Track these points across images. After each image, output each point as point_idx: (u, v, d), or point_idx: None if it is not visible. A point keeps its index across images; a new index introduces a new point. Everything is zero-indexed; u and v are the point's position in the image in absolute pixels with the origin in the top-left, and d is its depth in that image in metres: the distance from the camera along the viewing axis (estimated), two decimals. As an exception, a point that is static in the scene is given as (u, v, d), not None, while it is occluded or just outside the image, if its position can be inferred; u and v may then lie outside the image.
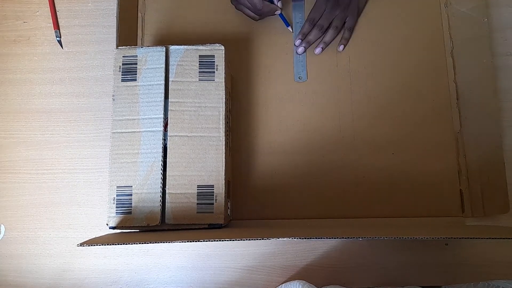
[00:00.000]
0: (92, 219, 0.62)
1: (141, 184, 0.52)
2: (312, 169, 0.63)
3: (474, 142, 0.62)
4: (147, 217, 0.51)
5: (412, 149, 0.63)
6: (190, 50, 0.55)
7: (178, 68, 0.54)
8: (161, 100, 0.53)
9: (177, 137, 0.53)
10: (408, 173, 0.62)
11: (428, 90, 0.65)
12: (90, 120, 0.65)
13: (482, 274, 0.58)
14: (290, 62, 0.66)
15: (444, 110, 0.64)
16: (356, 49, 0.66)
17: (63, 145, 0.64)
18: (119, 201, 0.52)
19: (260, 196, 0.62)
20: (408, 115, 0.64)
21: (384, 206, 0.62)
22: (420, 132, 0.64)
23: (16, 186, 0.63)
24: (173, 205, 0.52)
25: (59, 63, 0.66)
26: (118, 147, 0.53)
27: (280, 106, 0.65)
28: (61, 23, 0.68)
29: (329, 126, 0.64)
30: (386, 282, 0.59)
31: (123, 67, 0.54)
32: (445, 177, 0.62)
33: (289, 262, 0.60)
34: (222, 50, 0.55)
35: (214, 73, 0.54)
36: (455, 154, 0.63)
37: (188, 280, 0.60)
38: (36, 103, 0.65)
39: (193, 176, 0.52)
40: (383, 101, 0.65)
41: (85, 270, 0.60)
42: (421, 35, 0.67)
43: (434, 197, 0.62)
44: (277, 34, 0.67)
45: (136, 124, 0.53)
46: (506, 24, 0.66)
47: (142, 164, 0.52)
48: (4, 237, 0.61)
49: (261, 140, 0.64)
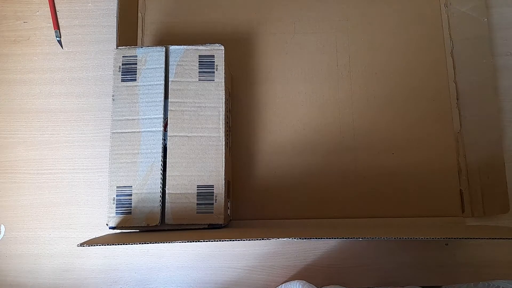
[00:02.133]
0: (92, 219, 0.62)
1: (141, 184, 0.52)
2: (312, 169, 0.63)
3: (474, 142, 0.62)
4: (147, 217, 0.51)
5: (412, 149, 0.63)
6: (190, 50, 0.55)
7: (178, 68, 0.54)
8: (161, 100, 0.53)
9: (177, 137, 0.53)
10: (408, 173, 0.62)
11: (428, 90, 0.65)
12: (90, 120, 0.65)
13: (482, 274, 0.58)
14: (290, 62, 0.66)
15: (444, 110, 0.64)
16: (356, 49, 0.66)
17: (63, 145, 0.64)
18: (119, 201, 0.52)
19: (260, 196, 0.62)
20: (408, 115, 0.64)
21: (384, 206, 0.62)
22: (420, 132, 0.64)
23: (16, 186, 0.63)
24: (173, 205, 0.52)
25: (59, 63, 0.66)
26: (118, 147, 0.53)
27: (280, 106, 0.65)
28: (61, 23, 0.68)
29: (329, 126, 0.64)
30: (386, 282, 0.59)
31: (123, 67, 0.54)
32: (445, 177, 0.62)
33: (289, 262, 0.60)
34: (222, 50, 0.55)
35: (214, 73, 0.54)
36: (455, 154, 0.63)
37: (188, 280, 0.60)
38: (36, 103, 0.65)
39: (193, 176, 0.52)
40: (383, 101, 0.65)
41: (85, 270, 0.60)
42: (421, 35, 0.67)
43: (434, 197, 0.62)
44: (277, 35, 0.67)
45: (136, 124, 0.53)
46: (506, 24, 0.66)
47: (142, 164, 0.52)
48: (4, 237, 0.61)
49: (261, 140, 0.64)
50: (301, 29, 0.67)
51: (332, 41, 0.67)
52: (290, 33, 0.67)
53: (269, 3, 0.68)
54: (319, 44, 0.67)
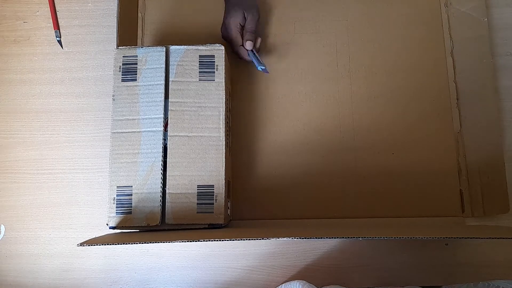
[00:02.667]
0: (92, 219, 0.62)
1: (141, 184, 0.52)
2: (312, 169, 0.63)
3: (474, 142, 0.62)
4: (147, 217, 0.51)
5: (412, 149, 0.63)
6: (190, 50, 0.55)
7: (178, 68, 0.54)
8: (161, 100, 0.53)
9: (177, 137, 0.53)
10: (408, 173, 0.62)
11: (428, 90, 0.65)
12: (90, 120, 0.65)
13: (482, 274, 0.58)
14: (290, 62, 0.66)
15: (444, 110, 0.64)
16: (356, 49, 0.66)
17: (63, 145, 0.64)
18: (119, 201, 0.52)
19: (260, 196, 0.62)
20: (408, 115, 0.64)
21: (384, 206, 0.62)
22: (420, 132, 0.64)
23: (16, 186, 0.63)
24: (173, 205, 0.52)
25: (59, 63, 0.66)
26: (118, 147, 0.53)
27: (280, 106, 0.65)
28: (61, 23, 0.68)
29: (329, 126, 0.64)
30: (386, 282, 0.59)
31: (123, 67, 0.54)
32: (445, 177, 0.62)
33: (289, 262, 0.60)
34: (222, 50, 0.55)
35: (214, 73, 0.54)
36: (455, 154, 0.63)
37: (188, 280, 0.60)
38: (36, 103, 0.65)
39: (193, 176, 0.52)
40: (383, 101, 0.65)
41: (85, 270, 0.60)
42: (421, 35, 0.67)
43: (434, 197, 0.62)
44: (277, 35, 0.67)
45: (136, 124, 0.53)
46: (506, 24, 0.66)
47: (142, 164, 0.52)
48: (4, 237, 0.61)
49: (261, 140, 0.64)
50: (301, 29, 0.67)
51: (332, 41, 0.67)
52: (290, 33, 0.67)
53: (269, 3, 0.68)
54: (319, 44, 0.67)
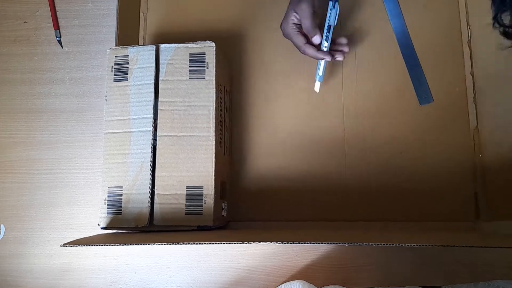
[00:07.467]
0: (92, 219, 0.62)
1: (130, 185, 0.51)
2: (313, 170, 0.61)
3: (492, 140, 0.58)
4: (135, 218, 0.51)
5: (422, 148, 0.59)
6: (181, 48, 0.54)
7: (168, 67, 0.53)
8: (151, 99, 0.53)
9: (166, 137, 0.52)
10: (416, 173, 0.59)
11: (442, 83, 0.61)
12: (90, 120, 0.65)
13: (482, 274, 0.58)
14: (290, 62, 0.65)
15: (460, 104, 0.60)
16: (364, 40, 0.64)
17: (63, 145, 0.64)
18: (110, 201, 0.51)
19: (259, 197, 0.61)
20: (419, 110, 0.60)
21: (390, 209, 0.59)
22: (431, 129, 0.60)
23: (16, 186, 0.63)
24: (162, 206, 0.51)
25: (59, 63, 0.66)
26: (110, 147, 0.53)
27: (280, 106, 0.64)
28: (61, 23, 0.68)
29: (332, 125, 0.62)
30: (386, 282, 0.58)
31: (116, 67, 0.54)
32: (459, 178, 0.58)
33: (289, 262, 0.59)
34: (213, 47, 0.54)
35: (204, 71, 0.53)
36: (470, 153, 0.59)
37: (188, 280, 0.59)
38: (36, 103, 0.65)
39: (182, 177, 0.51)
40: (391, 95, 0.61)
41: (85, 270, 0.60)
42: (436, 22, 0.62)
43: (445, 200, 0.58)
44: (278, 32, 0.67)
45: (127, 124, 0.53)
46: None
47: (132, 164, 0.52)
48: (4, 237, 0.62)
49: (261, 141, 0.63)
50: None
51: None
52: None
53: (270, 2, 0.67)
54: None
